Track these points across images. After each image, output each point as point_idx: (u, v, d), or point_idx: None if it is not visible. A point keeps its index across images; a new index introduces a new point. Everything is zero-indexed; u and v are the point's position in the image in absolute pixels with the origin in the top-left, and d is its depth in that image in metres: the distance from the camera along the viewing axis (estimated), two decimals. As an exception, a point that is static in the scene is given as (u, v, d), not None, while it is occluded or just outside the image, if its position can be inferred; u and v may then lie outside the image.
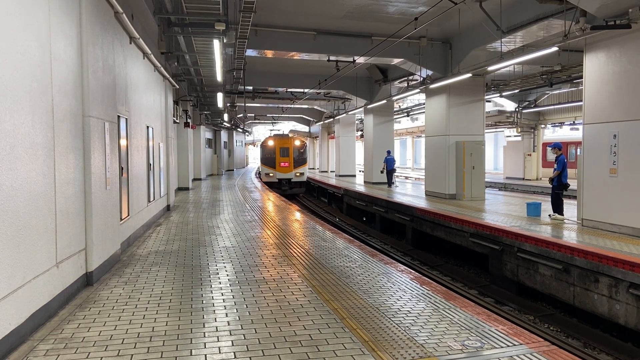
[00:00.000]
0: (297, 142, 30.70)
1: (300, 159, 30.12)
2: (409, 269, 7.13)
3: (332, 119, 32.80)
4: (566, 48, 13.92)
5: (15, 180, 4.28)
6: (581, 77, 13.01)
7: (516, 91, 23.75)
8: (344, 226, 19.99)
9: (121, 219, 8.22)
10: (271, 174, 29.77)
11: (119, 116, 8.00)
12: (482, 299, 10.01)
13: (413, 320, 4.91)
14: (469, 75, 14.44)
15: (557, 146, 12.45)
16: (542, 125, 30.97)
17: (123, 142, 8.45)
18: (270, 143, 30.51)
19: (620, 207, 10.02)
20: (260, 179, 31.60)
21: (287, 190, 29.38)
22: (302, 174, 30.06)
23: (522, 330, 4.67)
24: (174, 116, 16.54)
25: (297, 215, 13.19)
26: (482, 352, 4.14)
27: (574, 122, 28.78)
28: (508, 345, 4.27)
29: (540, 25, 12.47)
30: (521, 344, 4.29)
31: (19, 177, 4.36)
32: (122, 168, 8.36)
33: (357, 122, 38.84)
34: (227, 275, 6.77)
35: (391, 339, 4.41)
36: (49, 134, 5.07)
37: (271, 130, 58.09)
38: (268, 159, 30.26)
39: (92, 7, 6.45)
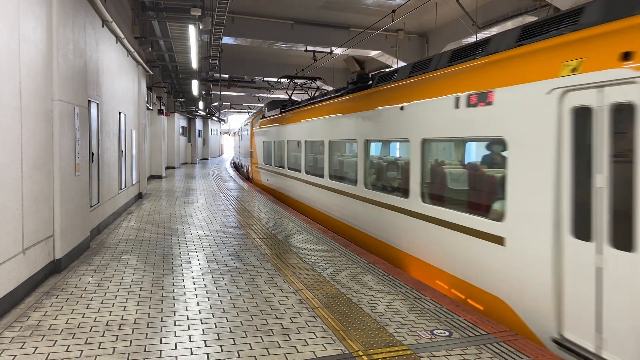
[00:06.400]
0: None
1: None
2: (381, 260, 7.21)
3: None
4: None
5: (-21, 164, 4.15)
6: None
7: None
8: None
9: (91, 206, 8.07)
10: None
11: (90, 101, 7.82)
12: (452, 290, 10.19)
13: (384, 309, 4.97)
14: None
15: None
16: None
17: (94, 127, 8.27)
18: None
19: None
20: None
21: None
22: None
23: (490, 320, 4.78)
24: (147, 103, 16.25)
25: (275, 208, 13.15)
26: (450, 340, 4.22)
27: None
28: (476, 335, 4.37)
29: (515, 21, 12.67)
30: (488, 334, 4.40)
31: (-16, 161, 4.23)
32: (93, 154, 8.19)
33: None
34: (199, 264, 6.72)
35: (362, 328, 4.46)
36: (17, 117, 4.92)
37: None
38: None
39: (63, -12, 6.27)
